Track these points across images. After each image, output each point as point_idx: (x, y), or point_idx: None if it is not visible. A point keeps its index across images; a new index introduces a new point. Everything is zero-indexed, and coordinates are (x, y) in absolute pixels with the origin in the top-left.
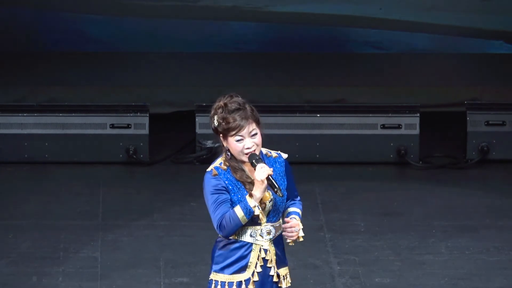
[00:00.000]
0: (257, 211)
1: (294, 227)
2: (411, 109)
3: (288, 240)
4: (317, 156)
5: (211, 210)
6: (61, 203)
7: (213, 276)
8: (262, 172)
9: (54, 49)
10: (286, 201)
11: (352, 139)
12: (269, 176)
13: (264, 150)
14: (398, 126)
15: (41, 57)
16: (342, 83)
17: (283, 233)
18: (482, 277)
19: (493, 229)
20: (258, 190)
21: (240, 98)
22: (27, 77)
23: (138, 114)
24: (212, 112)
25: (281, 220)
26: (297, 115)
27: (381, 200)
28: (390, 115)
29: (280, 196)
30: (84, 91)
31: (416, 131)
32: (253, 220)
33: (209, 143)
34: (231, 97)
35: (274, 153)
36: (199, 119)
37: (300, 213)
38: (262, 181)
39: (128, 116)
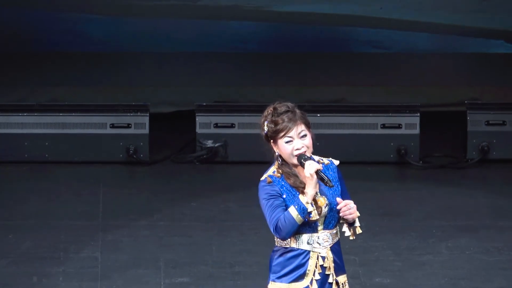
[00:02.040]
0: (310, 208)
1: (348, 204)
2: (411, 108)
3: (348, 234)
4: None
5: (267, 215)
6: (61, 203)
7: (271, 285)
8: (310, 167)
9: (55, 49)
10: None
11: (352, 138)
12: (318, 171)
13: (317, 158)
14: (398, 126)
15: (41, 57)
16: (342, 82)
17: (341, 213)
18: (482, 277)
19: (493, 229)
20: (309, 187)
21: (290, 103)
22: (27, 77)
23: (138, 113)
24: (262, 119)
25: (337, 228)
26: None
27: (381, 200)
28: (390, 114)
29: (331, 187)
30: (84, 91)
31: (416, 131)
32: (310, 227)
33: (209, 143)
34: (280, 102)
35: (326, 160)
36: (199, 119)
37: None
38: (312, 175)
39: (128, 115)
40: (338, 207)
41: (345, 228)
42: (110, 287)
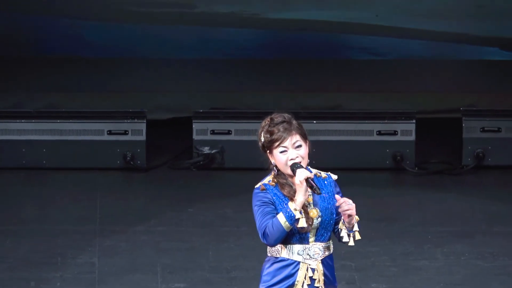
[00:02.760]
0: (298, 215)
1: (347, 200)
2: (407, 115)
3: (347, 240)
4: (313, 162)
5: (257, 221)
6: (58, 208)
7: None
8: (301, 174)
9: (51, 54)
10: (336, 224)
11: (348, 145)
12: (308, 178)
13: (314, 171)
14: (394, 133)
15: (38, 62)
16: (338, 89)
17: (340, 210)
18: (477, 283)
19: (488, 235)
20: (299, 194)
21: (287, 114)
22: (24, 83)
23: (135, 120)
24: (259, 130)
25: (331, 241)
26: None
27: (377, 206)
28: (386, 121)
29: (318, 194)
30: (81, 97)
31: (412, 137)
32: (302, 238)
33: (206, 149)
34: (278, 112)
35: (323, 174)
36: (196, 125)
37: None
38: (301, 182)
39: (125, 122)
40: (337, 204)
41: (343, 233)
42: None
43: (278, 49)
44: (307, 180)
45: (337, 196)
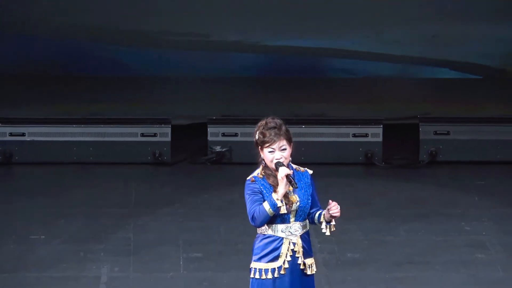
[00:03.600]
0: (279, 204)
1: (337, 204)
2: (376, 121)
3: (325, 231)
4: (302, 158)
5: (248, 207)
6: (102, 195)
7: (253, 264)
8: (282, 172)
9: (97, 73)
10: (311, 209)
11: (329, 145)
12: (288, 175)
13: (295, 166)
14: (366, 135)
15: (86, 79)
16: (322, 101)
17: (329, 211)
18: (432, 253)
19: (441, 216)
20: (281, 187)
21: (278, 120)
22: (73, 96)
23: (162, 125)
24: (256, 129)
25: (307, 221)
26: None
27: (353, 192)
28: (359, 126)
29: (295, 188)
30: (119, 107)
31: (380, 139)
32: (284, 219)
33: (218, 148)
34: (272, 118)
35: (302, 169)
36: (210, 129)
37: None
38: (282, 178)
39: (154, 127)
40: (328, 207)
41: (323, 225)
42: (140, 260)
43: (274, 69)
44: (287, 176)
45: (330, 201)
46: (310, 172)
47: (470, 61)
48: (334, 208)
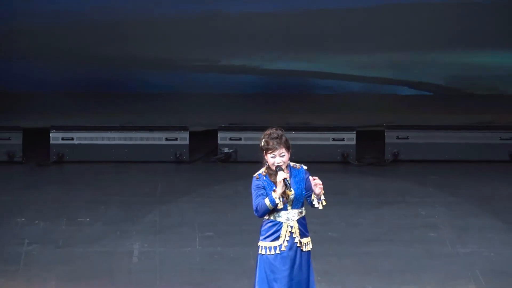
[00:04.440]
0: (277, 201)
1: (318, 180)
2: (350, 128)
3: (317, 206)
4: (293, 157)
5: (253, 200)
6: (133, 186)
7: (260, 243)
8: (280, 176)
9: (129, 91)
10: (306, 197)
11: (314, 147)
12: (284, 179)
13: (292, 164)
14: (342, 139)
15: (120, 95)
16: (308, 112)
17: (316, 186)
18: (394, 233)
19: (401, 203)
20: (278, 188)
21: (280, 131)
22: (113, 108)
23: (182, 131)
24: (262, 137)
25: (303, 208)
26: None
27: (332, 185)
28: (337, 132)
29: (291, 193)
30: (148, 117)
31: (353, 142)
32: (284, 208)
33: (226, 150)
34: (276, 129)
35: (298, 165)
36: (220, 135)
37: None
38: (280, 181)
39: (175, 133)
40: (312, 180)
41: (315, 201)
42: (165, 239)
43: (270, 88)
44: (284, 180)
45: (312, 178)
46: (305, 167)
47: (424, 81)
48: (317, 181)
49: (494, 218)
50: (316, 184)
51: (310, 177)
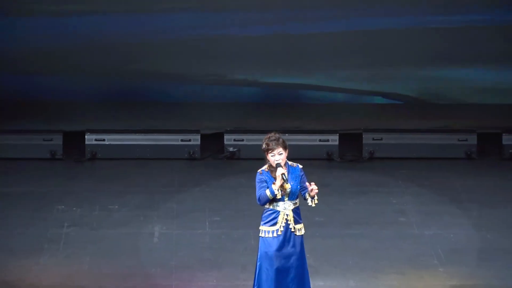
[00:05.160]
0: (276, 192)
1: (314, 185)
2: (334, 131)
3: (310, 204)
4: (289, 156)
5: (256, 191)
6: (155, 179)
7: (261, 227)
8: (278, 172)
9: (151, 100)
10: (302, 190)
11: (304, 147)
12: (282, 174)
13: (290, 162)
14: (327, 140)
15: (144, 104)
16: (299, 118)
17: (312, 190)
18: (370, 218)
19: (376, 193)
20: (277, 181)
21: (278, 135)
22: (137, 114)
23: (194, 134)
24: (263, 140)
25: (298, 200)
26: None
27: (319, 178)
28: (323, 134)
29: (288, 187)
30: (166, 122)
31: (337, 143)
32: (281, 199)
33: (231, 149)
34: (274, 133)
35: (295, 164)
36: (226, 137)
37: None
38: (278, 176)
39: (189, 135)
40: (309, 187)
41: (309, 200)
42: (182, 222)
43: (268, 97)
44: (282, 175)
45: (309, 184)
46: (300, 166)
47: (395, 92)
48: (314, 187)
49: (452, 205)
50: (313, 189)
51: (307, 183)
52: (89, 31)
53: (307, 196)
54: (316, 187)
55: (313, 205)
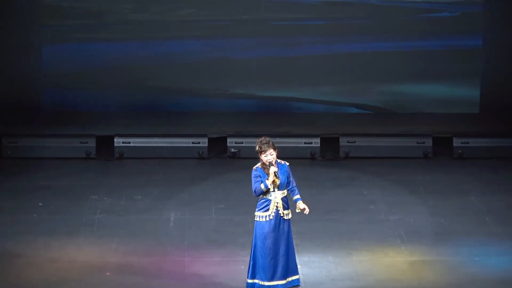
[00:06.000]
0: (269, 186)
1: (307, 208)
2: (316, 135)
3: (298, 211)
4: (279, 155)
5: (252, 184)
6: (171, 174)
7: (256, 213)
8: (271, 170)
9: (168, 109)
10: (288, 185)
11: (291, 148)
12: (275, 172)
13: (279, 160)
14: (311, 143)
15: (162, 113)
16: (287, 125)
17: (305, 212)
18: (345, 206)
19: (350, 186)
20: (270, 177)
21: (268, 138)
22: (157, 122)
23: (203, 137)
24: (256, 143)
25: (286, 190)
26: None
27: (302, 174)
28: (307, 138)
29: (278, 181)
30: (180, 128)
31: (318, 145)
32: (273, 190)
33: (232, 150)
34: (265, 137)
35: (283, 162)
36: (228, 140)
37: (300, 196)
38: (271, 173)
39: (198, 138)
40: (305, 211)
41: (297, 209)
42: (191, 210)
43: (262, 107)
44: (274, 172)
45: (302, 208)
46: (287, 164)
47: (367, 103)
48: (306, 209)
49: (412, 195)
50: (305, 208)
51: (303, 208)
52: (116, 55)
53: (296, 204)
54: (308, 210)
55: (298, 211)
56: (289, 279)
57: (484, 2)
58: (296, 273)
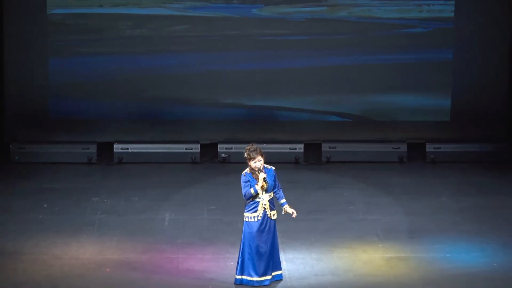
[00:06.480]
0: (258, 190)
1: (295, 212)
2: (300, 142)
3: (283, 213)
4: (266, 160)
5: (242, 188)
6: (168, 177)
7: (245, 214)
8: (261, 175)
9: (164, 118)
10: (274, 188)
11: (276, 153)
12: (263, 178)
13: (266, 165)
14: (295, 148)
15: (160, 121)
16: (274, 132)
17: (293, 216)
18: (327, 206)
19: (331, 188)
20: (259, 183)
21: (255, 145)
22: (155, 129)
23: (195, 143)
24: (245, 150)
25: (272, 193)
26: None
27: (288, 177)
28: (292, 144)
29: (266, 185)
30: (175, 135)
31: (302, 150)
32: (261, 193)
33: (223, 155)
34: (253, 145)
35: (269, 166)
36: (219, 145)
37: (285, 199)
38: (260, 179)
39: (191, 144)
40: (294, 215)
41: (283, 211)
42: (185, 210)
43: (250, 116)
44: (263, 178)
45: (290, 211)
46: (274, 168)
47: (347, 112)
48: (294, 214)
49: (389, 197)
50: (293, 212)
51: (288, 210)
52: (116, 67)
53: (283, 207)
54: (296, 214)
55: (284, 213)
56: (274, 273)
57: (455, 20)
58: (280, 268)
